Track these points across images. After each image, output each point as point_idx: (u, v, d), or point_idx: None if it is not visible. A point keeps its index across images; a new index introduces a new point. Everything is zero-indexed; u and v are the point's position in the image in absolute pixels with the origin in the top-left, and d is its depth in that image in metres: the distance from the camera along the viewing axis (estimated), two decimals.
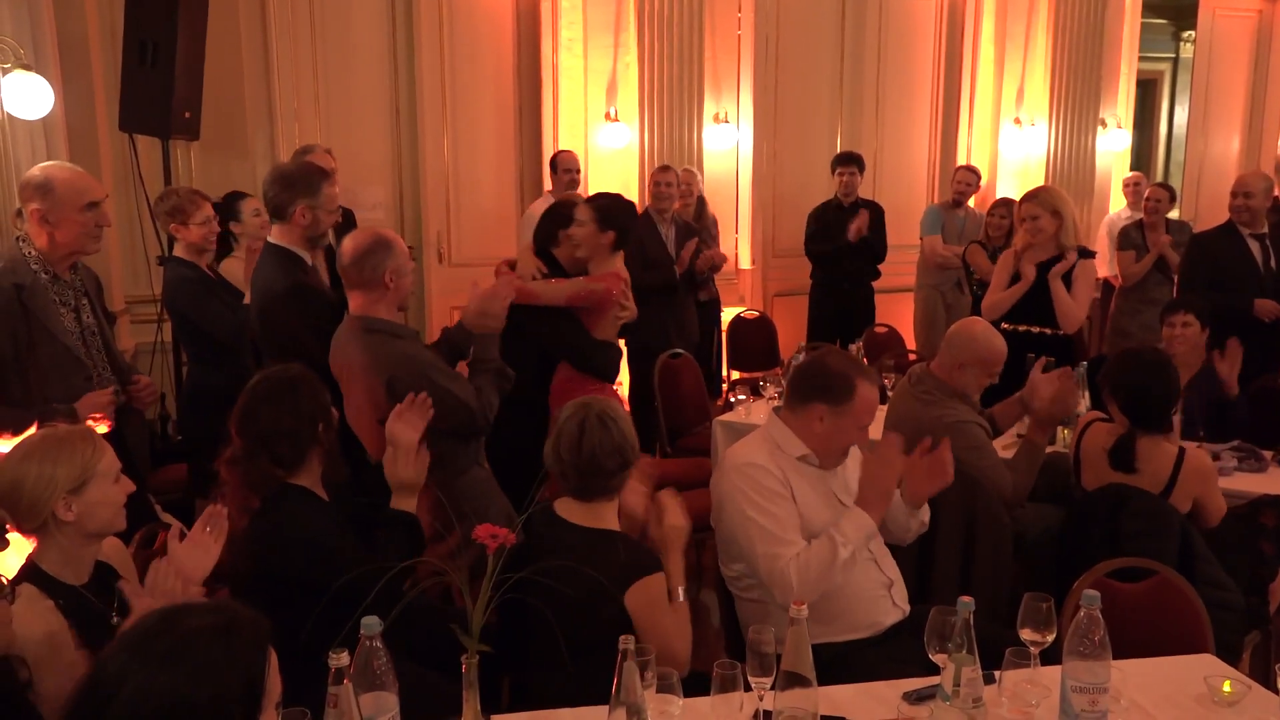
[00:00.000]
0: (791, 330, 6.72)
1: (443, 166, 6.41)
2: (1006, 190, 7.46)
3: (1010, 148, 7.82)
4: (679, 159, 6.30)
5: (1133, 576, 2.54)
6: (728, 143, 6.96)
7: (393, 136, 6.33)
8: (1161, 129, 9.19)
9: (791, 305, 6.98)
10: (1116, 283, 6.51)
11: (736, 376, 6.55)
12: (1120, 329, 6.16)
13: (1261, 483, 3.43)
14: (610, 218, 3.63)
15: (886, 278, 6.49)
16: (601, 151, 6.53)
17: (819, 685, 1.84)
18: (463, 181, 6.49)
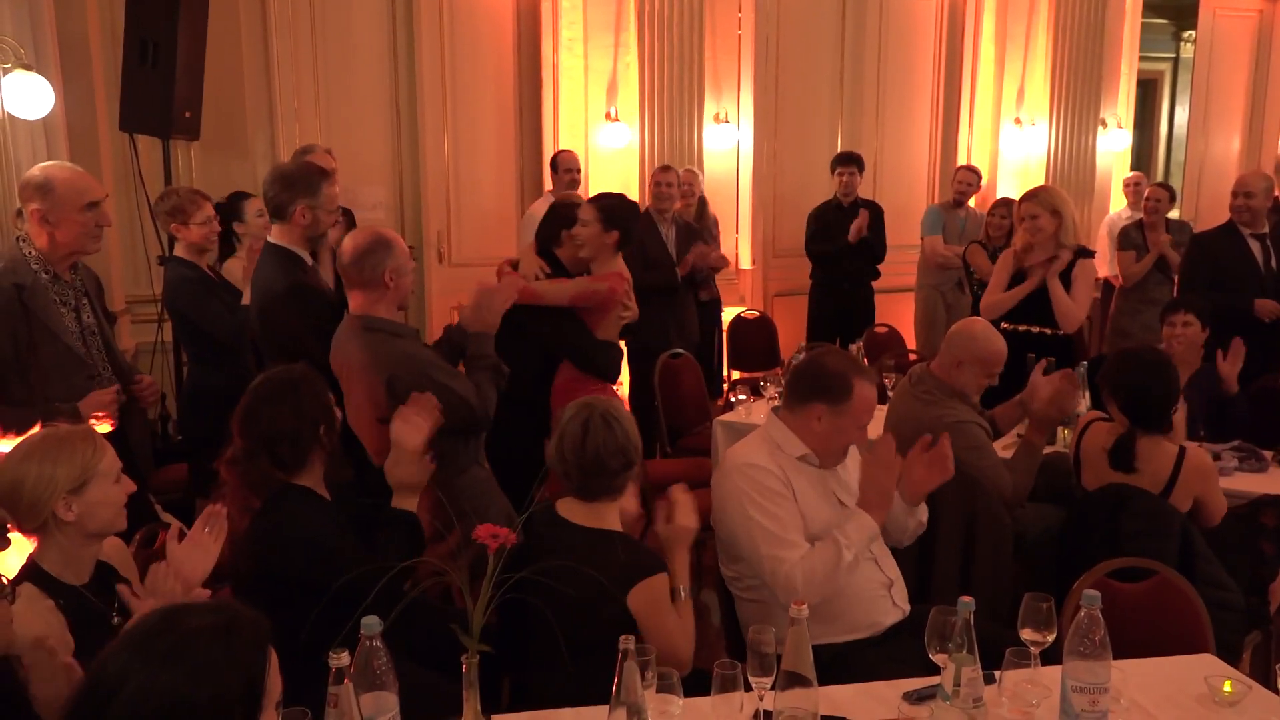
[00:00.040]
0: (792, 330, 6.72)
1: (443, 166, 6.41)
2: (1007, 190, 7.45)
3: (1010, 148, 7.82)
4: (679, 159, 6.29)
5: (1133, 576, 2.54)
6: (728, 143, 6.96)
7: (393, 136, 6.32)
8: (1162, 129, 9.18)
9: (792, 305, 6.98)
10: (1117, 283, 6.52)
11: (737, 376, 6.54)
12: (1120, 329, 6.17)
13: (1262, 483, 3.43)
14: (614, 217, 3.62)
15: (887, 278, 6.49)
16: (602, 151, 6.53)
17: (819, 685, 1.84)
18: (463, 181, 6.48)
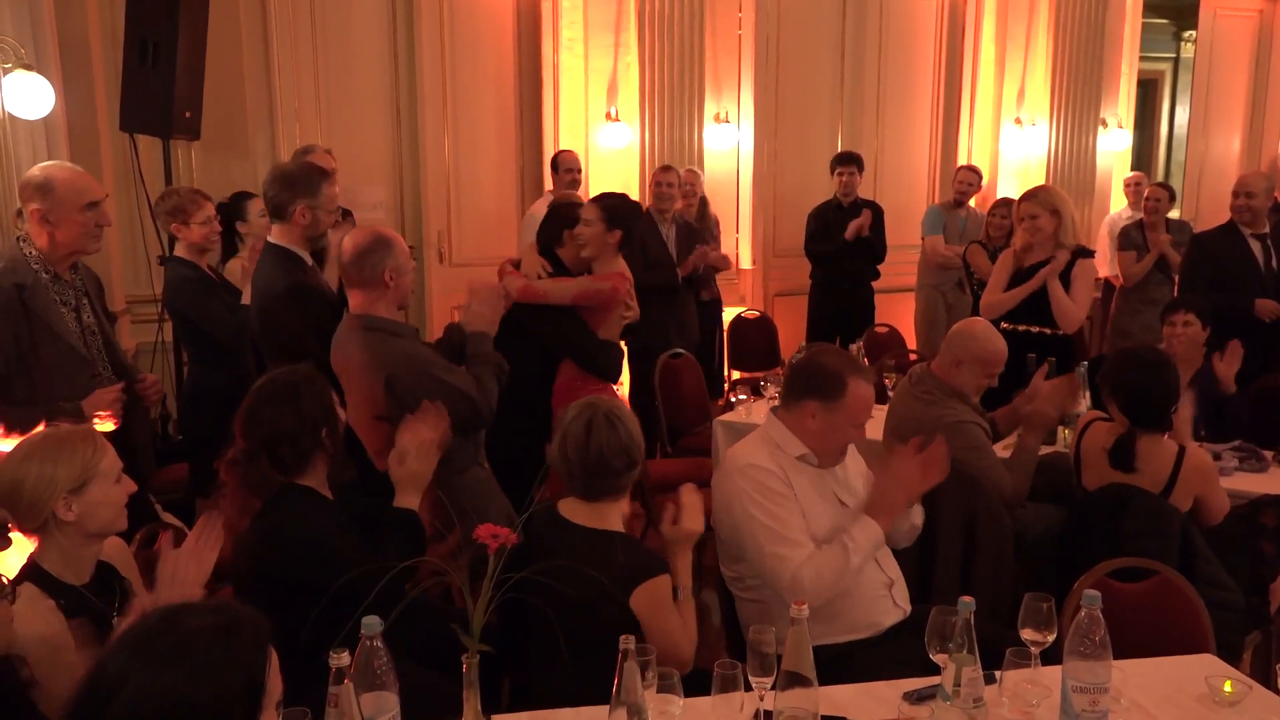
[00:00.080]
0: (792, 330, 6.72)
1: (443, 166, 6.40)
2: (1007, 190, 7.45)
3: (1011, 148, 7.82)
4: (680, 159, 6.29)
5: (1133, 576, 2.54)
6: (728, 143, 6.96)
7: (393, 136, 6.32)
8: (1162, 129, 9.17)
9: (792, 305, 6.98)
10: (1117, 283, 6.52)
11: (737, 376, 6.54)
12: (1121, 329, 6.17)
13: (1262, 482, 3.43)
14: (617, 217, 3.62)
15: (887, 278, 6.49)
16: (602, 151, 6.52)
17: (819, 685, 1.83)
18: (463, 181, 6.48)
